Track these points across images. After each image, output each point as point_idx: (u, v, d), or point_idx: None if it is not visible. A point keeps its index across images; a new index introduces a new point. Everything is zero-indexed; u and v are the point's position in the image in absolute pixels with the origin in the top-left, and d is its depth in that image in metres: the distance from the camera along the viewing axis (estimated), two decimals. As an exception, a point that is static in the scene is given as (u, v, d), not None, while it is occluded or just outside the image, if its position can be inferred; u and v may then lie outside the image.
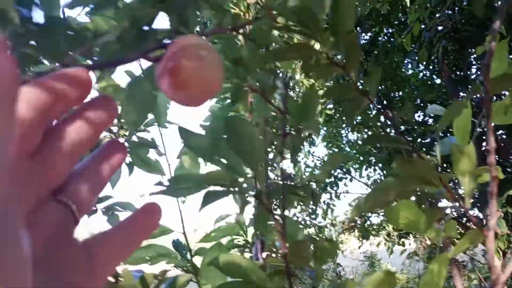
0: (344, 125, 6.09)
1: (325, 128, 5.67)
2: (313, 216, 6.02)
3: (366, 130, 5.77)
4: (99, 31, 0.96)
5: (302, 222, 6.02)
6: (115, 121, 1.51)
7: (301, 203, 6.08)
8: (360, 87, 0.68)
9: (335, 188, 6.01)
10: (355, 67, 0.54)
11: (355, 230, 5.85)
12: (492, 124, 0.72)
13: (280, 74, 0.89)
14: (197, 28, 0.69)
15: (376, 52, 4.54)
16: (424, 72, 4.95)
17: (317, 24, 0.49)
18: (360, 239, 5.95)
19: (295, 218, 6.02)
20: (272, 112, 0.93)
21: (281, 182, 0.86)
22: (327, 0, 0.63)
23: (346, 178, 6.00)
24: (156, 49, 0.60)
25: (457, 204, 0.70)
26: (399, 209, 0.93)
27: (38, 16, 0.64)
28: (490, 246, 0.64)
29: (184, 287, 0.82)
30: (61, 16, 0.68)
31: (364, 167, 5.89)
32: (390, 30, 4.56)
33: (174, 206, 1.32)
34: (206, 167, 1.60)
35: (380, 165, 5.95)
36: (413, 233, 6.25)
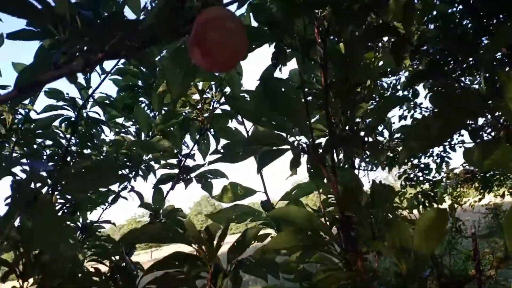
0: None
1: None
2: (426, 171, 5.70)
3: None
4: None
5: (415, 179, 5.74)
6: (197, 97, 1.64)
7: (411, 159, 5.78)
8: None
9: (449, 139, 5.58)
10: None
11: (474, 182, 5.39)
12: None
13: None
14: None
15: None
16: None
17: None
18: (481, 191, 5.47)
19: (405, 175, 5.76)
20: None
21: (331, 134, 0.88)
22: None
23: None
24: (186, 24, 0.68)
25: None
26: (485, 155, 0.88)
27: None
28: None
29: (254, 238, 0.90)
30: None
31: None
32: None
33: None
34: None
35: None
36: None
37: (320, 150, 0.86)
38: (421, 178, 5.65)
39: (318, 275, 0.91)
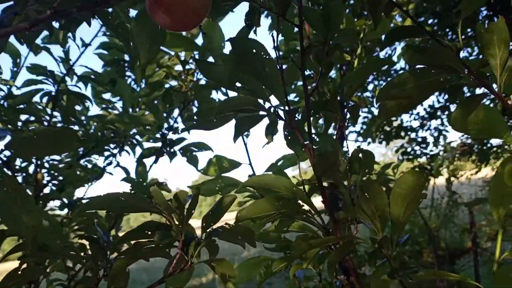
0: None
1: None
2: (423, 145, 5.68)
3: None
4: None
5: (412, 152, 5.72)
6: (180, 68, 1.60)
7: (408, 133, 5.75)
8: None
9: (446, 113, 5.53)
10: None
11: (471, 155, 5.37)
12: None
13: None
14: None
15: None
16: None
17: None
18: (478, 164, 5.46)
19: (402, 149, 5.74)
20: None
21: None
22: None
23: (458, 101, 5.45)
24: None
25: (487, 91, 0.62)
26: (465, 114, 0.84)
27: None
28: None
29: (229, 206, 0.88)
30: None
31: (478, 85, 5.27)
32: None
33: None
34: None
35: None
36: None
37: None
38: (418, 152, 5.63)
39: (297, 244, 0.89)
